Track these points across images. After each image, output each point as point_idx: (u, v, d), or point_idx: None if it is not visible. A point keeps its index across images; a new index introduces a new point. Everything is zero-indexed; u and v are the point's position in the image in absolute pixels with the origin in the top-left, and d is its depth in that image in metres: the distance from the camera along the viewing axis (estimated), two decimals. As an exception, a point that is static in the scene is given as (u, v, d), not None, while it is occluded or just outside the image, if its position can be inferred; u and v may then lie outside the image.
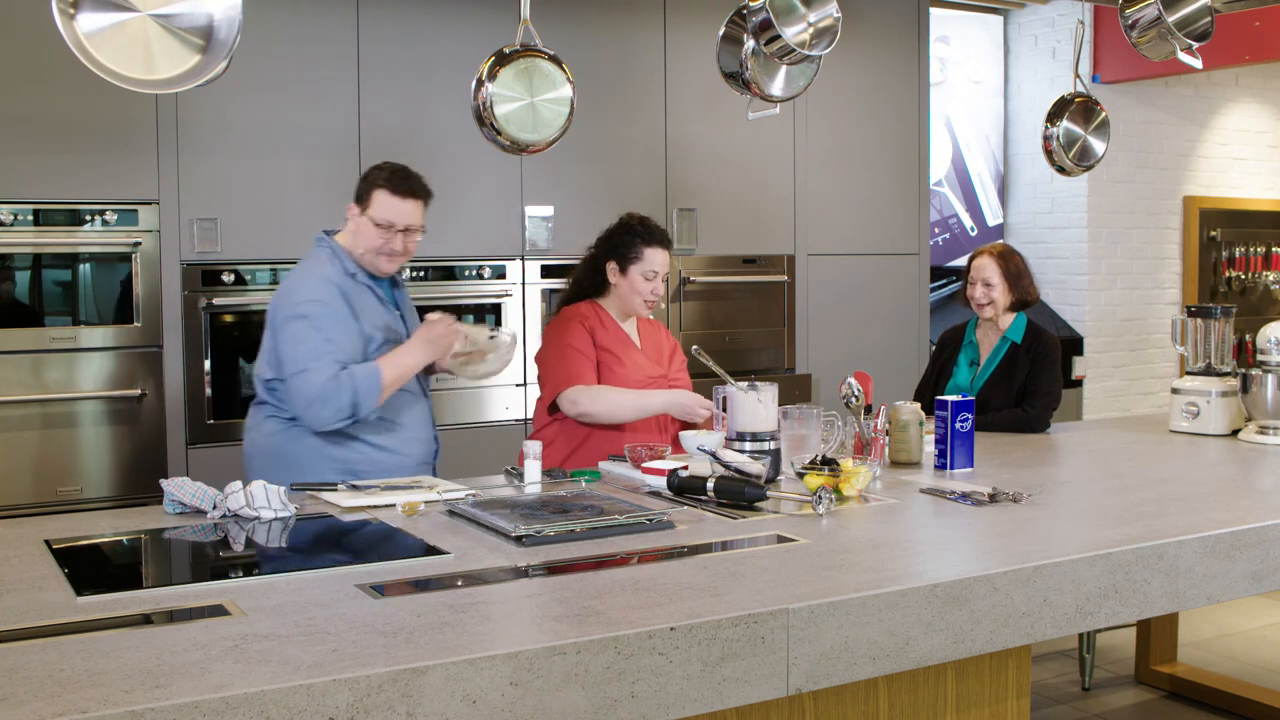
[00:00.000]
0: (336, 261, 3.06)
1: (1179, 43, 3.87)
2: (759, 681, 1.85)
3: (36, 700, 1.47)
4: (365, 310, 3.04)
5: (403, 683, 1.58)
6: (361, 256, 3.06)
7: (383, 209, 3.03)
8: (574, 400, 3.31)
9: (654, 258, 3.37)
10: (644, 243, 3.37)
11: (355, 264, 3.07)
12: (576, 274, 3.53)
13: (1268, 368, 3.60)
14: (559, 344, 3.39)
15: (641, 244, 3.37)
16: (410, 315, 3.22)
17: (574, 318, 3.42)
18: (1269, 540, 2.47)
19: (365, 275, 3.08)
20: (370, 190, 3.05)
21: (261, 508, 2.52)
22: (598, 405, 3.30)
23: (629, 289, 3.39)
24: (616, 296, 3.44)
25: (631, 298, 3.40)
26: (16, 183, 3.87)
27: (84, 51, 2.56)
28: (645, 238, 3.37)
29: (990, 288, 3.89)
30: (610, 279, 3.41)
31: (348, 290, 3.02)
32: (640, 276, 3.37)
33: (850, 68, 5.35)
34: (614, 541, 2.31)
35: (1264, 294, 7.40)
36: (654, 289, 3.40)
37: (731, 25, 3.84)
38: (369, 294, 3.07)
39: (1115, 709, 4.04)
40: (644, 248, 3.37)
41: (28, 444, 3.92)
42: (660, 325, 3.67)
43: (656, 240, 3.39)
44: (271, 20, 4.17)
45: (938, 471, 3.10)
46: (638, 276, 3.37)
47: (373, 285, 3.09)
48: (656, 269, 3.37)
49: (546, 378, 3.40)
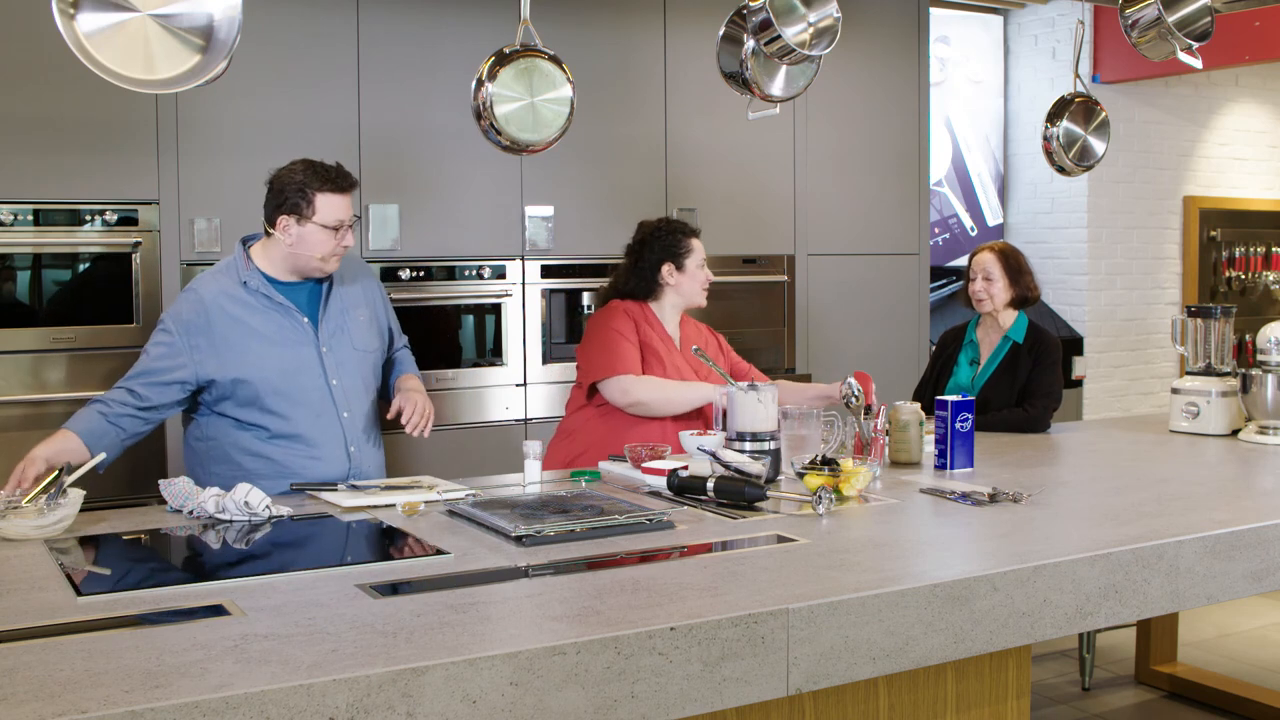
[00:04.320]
0: (232, 274, 2.94)
1: (1179, 43, 3.87)
2: (759, 681, 1.84)
3: (36, 700, 1.47)
4: (247, 322, 2.90)
5: (402, 683, 1.58)
6: (309, 263, 2.93)
7: (332, 210, 2.90)
8: (626, 389, 3.34)
9: (699, 246, 3.58)
10: (688, 236, 3.57)
11: (253, 273, 2.94)
12: (619, 282, 3.60)
13: (1268, 368, 3.60)
14: (606, 329, 3.44)
15: (686, 238, 3.56)
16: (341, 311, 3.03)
17: (621, 309, 3.49)
18: (1269, 540, 2.47)
19: (263, 282, 2.94)
20: (311, 196, 2.88)
21: (234, 514, 2.53)
22: (653, 394, 3.36)
23: (690, 282, 3.55)
24: (676, 294, 3.55)
25: (694, 289, 3.56)
26: (16, 183, 3.87)
27: (84, 51, 2.56)
28: (686, 232, 3.58)
29: (990, 282, 3.89)
30: (668, 281, 3.53)
31: (225, 305, 2.91)
32: (696, 267, 3.55)
33: (850, 68, 5.35)
34: (614, 541, 2.31)
35: (1264, 294, 7.40)
36: (708, 274, 3.60)
37: (731, 25, 3.84)
38: (262, 302, 2.93)
39: (1115, 709, 4.04)
40: (691, 240, 3.57)
41: (28, 444, 3.89)
42: (702, 327, 3.74)
43: (694, 232, 3.61)
44: (271, 20, 4.17)
45: (938, 471, 3.10)
46: (694, 268, 3.55)
47: (271, 293, 2.94)
48: (703, 256, 3.58)
49: (591, 363, 3.44)
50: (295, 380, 2.93)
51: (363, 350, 3.07)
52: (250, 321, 2.92)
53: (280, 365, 2.92)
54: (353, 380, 3.03)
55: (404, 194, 4.45)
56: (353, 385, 3.03)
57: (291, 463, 2.93)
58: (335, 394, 2.98)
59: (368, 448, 3.07)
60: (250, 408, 2.91)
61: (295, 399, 2.93)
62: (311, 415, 2.95)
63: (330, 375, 2.98)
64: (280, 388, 2.91)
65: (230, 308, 2.91)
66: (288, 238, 2.91)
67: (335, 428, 2.98)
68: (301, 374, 2.94)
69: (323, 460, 2.96)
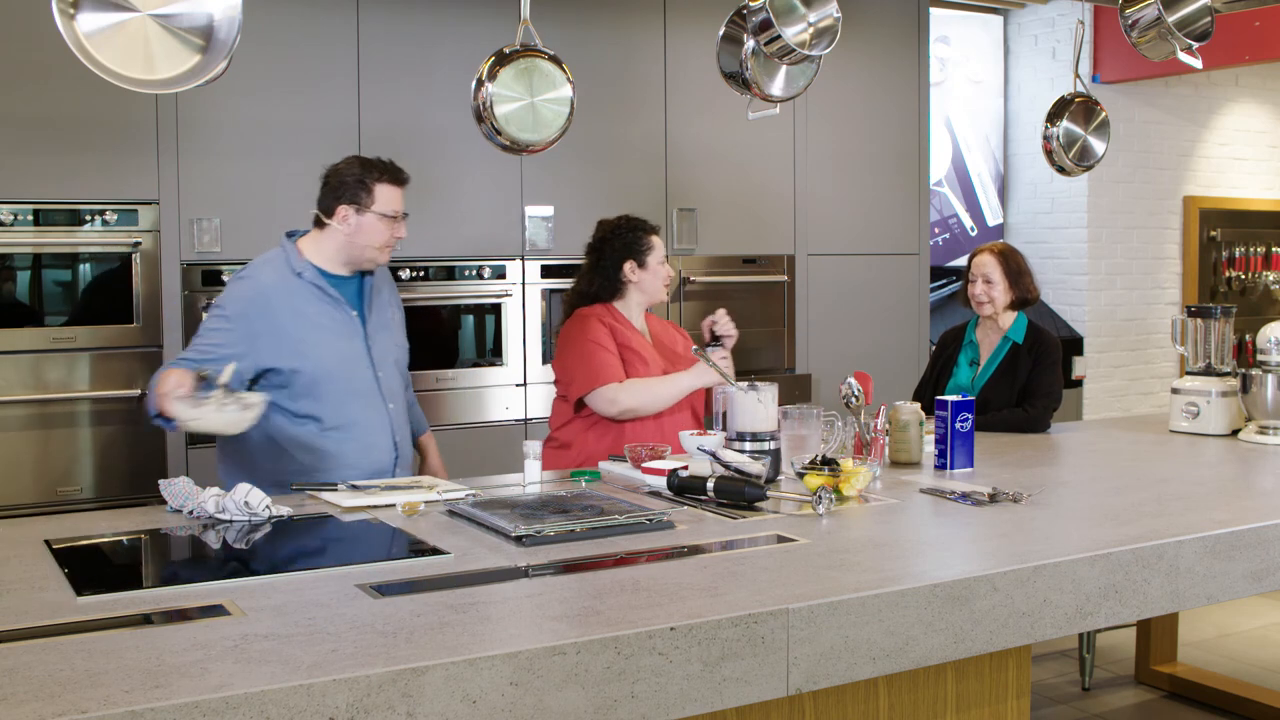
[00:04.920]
0: (284, 264, 3.00)
1: (1179, 43, 3.87)
2: (759, 681, 1.84)
3: (36, 700, 1.47)
4: (304, 311, 2.96)
5: (403, 683, 1.58)
6: (363, 253, 3.03)
7: (389, 201, 3.04)
8: (613, 399, 3.35)
9: (659, 243, 3.59)
10: (648, 233, 3.56)
11: (306, 265, 3.00)
12: (582, 284, 3.58)
13: (1268, 368, 3.59)
14: (583, 341, 3.43)
15: (647, 235, 3.55)
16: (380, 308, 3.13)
17: (593, 318, 3.48)
18: (1269, 540, 2.47)
19: (316, 274, 3.01)
20: (370, 186, 3.01)
21: (234, 514, 2.53)
22: (641, 398, 3.37)
23: (652, 279, 3.54)
24: (639, 292, 3.54)
25: (656, 286, 3.56)
26: (16, 183, 3.87)
27: (84, 51, 2.56)
28: (646, 229, 3.56)
29: (991, 284, 3.89)
30: (630, 278, 3.52)
31: (283, 293, 2.96)
32: (657, 264, 3.55)
33: (850, 68, 5.35)
34: (614, 541, 2.31)
35: (1264, 294, 7.40)
36: (669, 271, 3.59)
37: (731, 25, 3.84)
38: (315, 294, 2.99)
39: (1115, 709, 4.04)
40: (651, 237, 3.56)
41: (28, 444, 3.92)
42: (666, 322, 3.74)
43: (654, 229, 3.60)
44: (271, 20, 4.17)
45: (938, 471, 3.10)
46: (655, 265, 3.55)
47: (323, 285, 3.01)
48: (663, 253, 3.59)
49: (574, 378, 3.43)
50: (348, 370, 3.02)
51: (399, 347, 3.20)
52: (307, 311, 2.98)
53: (336, 355, 3.00)
54: (392, 374, 3.13)
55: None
56: (392, 378, 3.13)
57: (345, 454, 2.99)
58: (381, 385, 3.08)
59: (407, 439, 3.17)
60: (306, 398, 2.96)
61: (349, 389, 3.01)
62: (362, 405, 3.03)
63: (377, 367, 3.07)
64: (336, 377, 2.99)
65: (288, 298, 2.98)
66: (346, 227, 3.01)
67: (383, 418, 3.07)
68: (353, 365, 3.03)
69: (375, 449, 3.04)
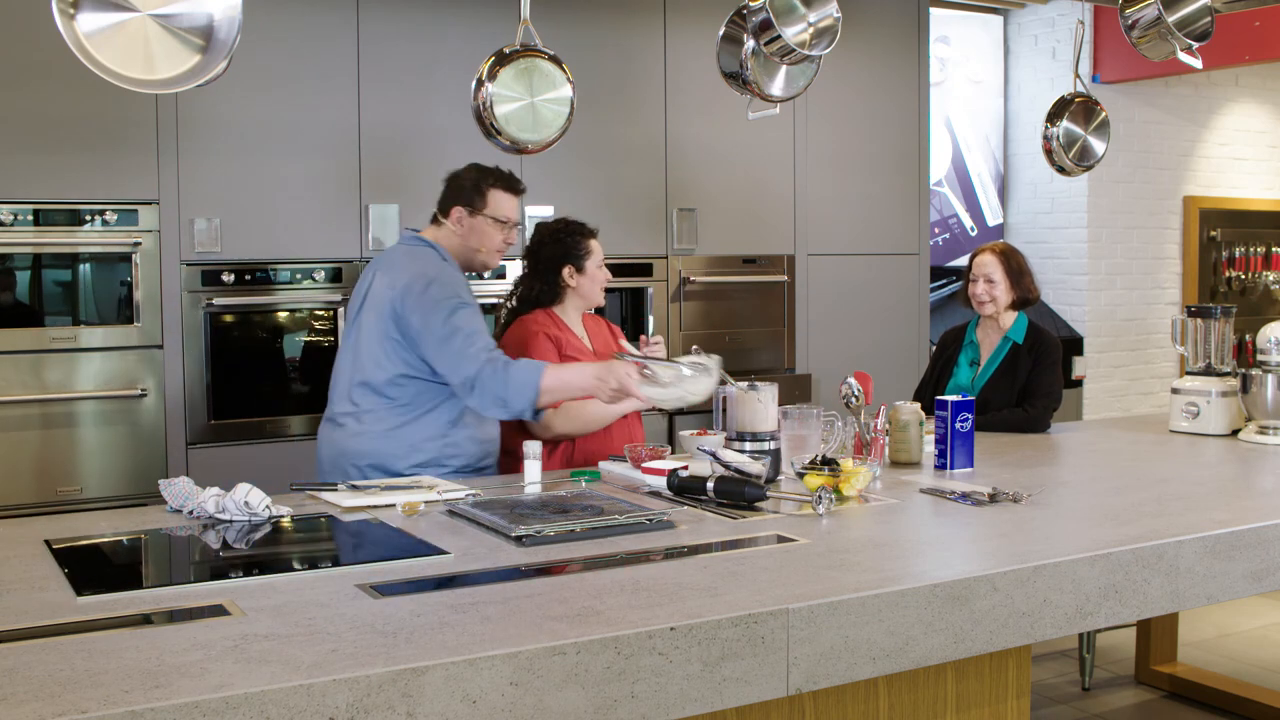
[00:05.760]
0: (438, 255, 3.15)
1: (1179, 43, 3.87)
2: (759, 681, 1.85)
3: (36, 700, 1.47)
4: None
5: (403, 683, 1.58)
6: (474, 255, 3.18)
7: (503, 206, 3.17)
8: (546, 425, 3.31)
9: (598, 247, 3.55)
10: (586, 237, 3.54)
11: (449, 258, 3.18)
12: (522, 290, 3.57)
13: (1268, 368, 3.60)
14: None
15: (585, 239, 3.53)
16: None
17: (537, 331, 3.43)
18: (1269, 540, 2.47)
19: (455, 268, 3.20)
20: (485, 191, 3.16)
21: (234, 514, 2.53)
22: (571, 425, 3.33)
23: (590, 283, 3.53)
24: (577, 295, 3.53)
25: (594, 290, 3.55)
26: (16, 183, 3.87)
27: (84, 51, 2.56)
28: (584, 233, 3.54)
29: (992, 284, 3.89)
30: (569, 282, 3.50)
31: None
32: (595, 268, 3.53)
33: (850, 68, 5.35)
34: (614, 541, 2.31)
35: (1264, 294, 7.40)
36: (606, 275, 3.57)
37: (731, 25, 3.84)
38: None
39: (1115, 709, 4.04)
40: (589, 241, 3.53)
41: (28, 444, 3.92)
42: (600, 321, 3.71)
43: (592, 233, 3.56)
44: (271, 20, 4.17)
45: (938, 471, 3.10)
46: (593, 269, 3.53)
47: None
48: (601, 256, 3.55)
49: None
50: None
51: None
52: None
53: None
54: None
55: (404, 194, 4.45)
56: None
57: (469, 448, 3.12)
58: None
59: None
60: None
61: None
62: None
63: None
64: None
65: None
66: (460, 228, 3.17)
67: None
68: None
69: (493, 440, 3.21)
